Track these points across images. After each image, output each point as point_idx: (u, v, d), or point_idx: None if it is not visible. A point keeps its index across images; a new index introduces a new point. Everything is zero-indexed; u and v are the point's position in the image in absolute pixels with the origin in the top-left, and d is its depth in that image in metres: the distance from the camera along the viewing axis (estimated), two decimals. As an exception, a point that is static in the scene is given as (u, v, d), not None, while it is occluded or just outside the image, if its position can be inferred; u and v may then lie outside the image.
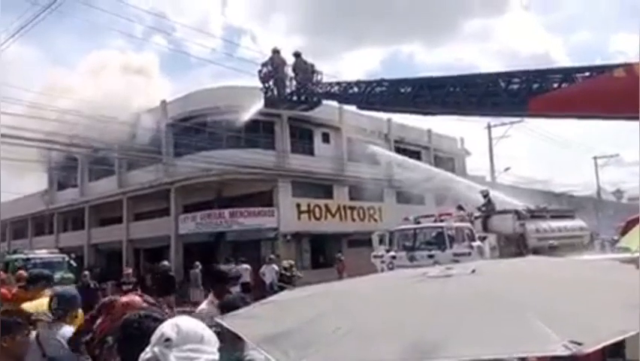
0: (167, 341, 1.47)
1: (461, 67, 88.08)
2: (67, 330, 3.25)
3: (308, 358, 1.43)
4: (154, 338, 1.51)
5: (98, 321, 2.90)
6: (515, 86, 11.64)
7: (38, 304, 4.26)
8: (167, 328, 1.51)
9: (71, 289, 3.74)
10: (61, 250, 24.81)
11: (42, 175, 35.43)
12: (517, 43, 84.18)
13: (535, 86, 11.16)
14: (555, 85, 10.85)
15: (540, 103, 10.81)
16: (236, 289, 5.93)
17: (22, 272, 10.65)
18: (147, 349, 1.50)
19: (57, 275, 15.56)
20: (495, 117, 25.89)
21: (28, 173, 33.89)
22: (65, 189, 34.09)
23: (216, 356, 1.55)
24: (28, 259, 19.27)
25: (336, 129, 28.20)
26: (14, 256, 21.27)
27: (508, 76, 11.85)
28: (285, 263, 17.51)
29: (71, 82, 30.53)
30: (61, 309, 3.45)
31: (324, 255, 23.97)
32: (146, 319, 1.85)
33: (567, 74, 10.78)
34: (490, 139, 30.89)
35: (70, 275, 18.08)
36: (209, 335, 1.58)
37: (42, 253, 21.94)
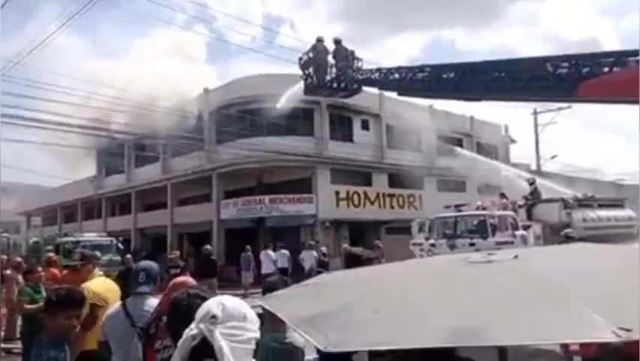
0: (212, 318, 1.52)
1: (505, 53, 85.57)
2: (154, 301, 3.37)
3: (347, 341, 1.44)
4: (199, 315, 1.57)
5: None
6: (564, 71, 11.22)
7: (94, 286, 4.43)
8: (212, 306, 1.56)
9: (154, 264, 3.89)
10: (109, 234, 25.81)
11: (91, 161, 36.85)
12: (564, 28, 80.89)
13: (585, 70, 10.73)
14: (606, 69, 10.41)
15: (590, 88, 10.41)
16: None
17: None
18: (192, 325, 1.55)
19: (105, 257, 16.23)
20: (542, 103, 25.06)
21: (77, 159, 35.39)
22: (113, 175, 35.29)
23: (258, 335, 1.59)
24: (78, 242, 20.10)
25: (375, 116, 27.96)
26: (65, 239, 22.30)
27: (557, 60, 11.43)
28: (323, 249, 17.68)
29: (117, 71, 31.36)
30: (147, 282, 3.59)
31: (363, 242, 23.86)
32: (194, 297, 1.91)
33: (618, 58, 10.31)
34: (536, 126, 29.95)
35: (118, 258, 18.76)
36: (252, 314, 1.62)
37: (91, 236, 22.89)
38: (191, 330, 1.55)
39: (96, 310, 4.11)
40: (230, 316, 1.54)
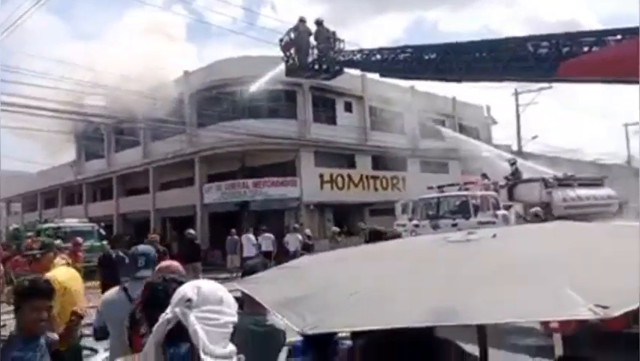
0: (187, 302, 1.50)
1: (487, 34, 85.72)
2: None
3: (324, 322, 1.42)
4: (175, 298, 1.55)
5: None
6: (544, 51, 11.29)
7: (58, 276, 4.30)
8: (188, 289, 1.55)
9: (151, 248, 3.86)
10: (91, 220, 25.48)
11: (70, 146, 36.23)
12: (544, 10, 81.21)
13: (565, 50, 10.80)
14: (586, 49, 10.48)
15: (570, 67, 10.48)
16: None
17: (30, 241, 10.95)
18: (168, 310, 1.53)
19: (87, 243, 16.05)
20: (522, 83, 25.21)
21: (57, 144, 34.77)
22: (93, 160, 34.78)
23: (235, 318, 1.57)
24: (58, 228, 19.86)
25: (358, 98, 27.90)
26: (45, 226, 21.97)
27: (537, 40, 11.47)
28: (308, 231, 17.75)
29: (93, 52, 30.72)
30: (147, 267, 3.59)
31: (348, 224, 24.00)
32: (170, 282, 1.89)
33: (598, 38, 10.38)
34: (517, 106, 30.16)
35: (100, 243, 18.59)
36: (229, 297, 1.60)
37: (72, 222, 22.58)
38: (167, 314, 1.52)
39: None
40: (206, 299, 1.52)
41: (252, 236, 17.61)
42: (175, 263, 3.50)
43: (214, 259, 20.93)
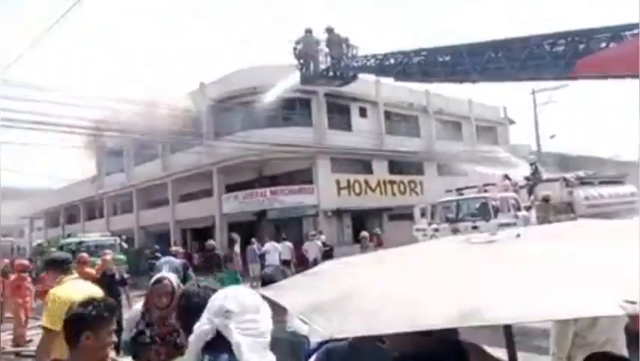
0: (227, 313, 1.50)
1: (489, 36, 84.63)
2: None
3: (351, 326, 1.42)
4: (212, 308, 1.55)
5: None
6: (560, 48, 11.18)
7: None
8: (225, 299, 1.54)
9: (174, 259, 3.94)
10: (112, 233, 25.84)
11: (91, 162, 36.83)
12: (558, 6, 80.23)
13: (582, 47, 10.69)
14: (603, 45, 10.35)
15: (587, 64, 10.37)
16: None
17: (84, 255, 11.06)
18: (204, 319, 1.53)
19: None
20: (539, 82, 24.92)
21: (77, 160, 35.37)
22: (113, 175, 35.32)
23: (271, 326, 1.58)
24: (81, 242, 20.14)
25: (373, 103, 27.90)
26: (69, 240, 22.33)
27: (553, 38, 11.37)
28: (322, 238, 17.74)
29: (110, 69, 31.23)
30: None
31: (366, 230, 23.96)
32: (206, 289, 1.91)
33: (615, 33, 10.24)
34: (535, 106, 29.79)
35: (122, 256, 18.80)
36: (264, 305, 1.61)
37: (95, 236, 22.92)
38: (204, 325, 1.53)
39: None
40: (245, 309, 1.53)
41: (276, 244, 17.62)
42: None
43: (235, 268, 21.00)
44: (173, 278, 3.24)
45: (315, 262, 15.99)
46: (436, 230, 14.10)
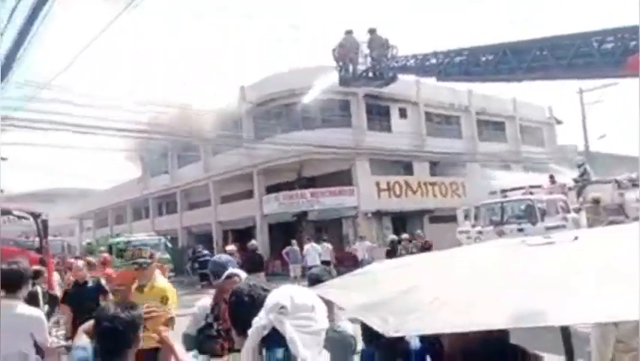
0: (282, 309, 1.54)
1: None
2: None
3: (408, 324, 1.44)
4: (267, 306, 1.59)
5: None
6: (609, 45, 10.79)
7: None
8: (281, 297, 1.58)
9: (231, 258, 4.13)
10: (158, 233, 26.57)
11: (137, 164, 38.03)
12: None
13: (632, 44, 10.28)
14: (656, 40, 9.92)
15: (638, 62, 9.95)
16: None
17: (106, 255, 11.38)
18: (261, 315, 1.58)
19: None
20: (587, 80, 24.07)
21: (124, 162, 36.61)
22: (158, 176, 36.32)
23: (327, 325, 1.60)
24: (129, 242, 20.78)
25: (413, 104, 27.64)
26: (117, 240, 23.13)
27: (602, 34, 10.98)
28: (367, 243, 17.83)
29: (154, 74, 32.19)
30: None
31: (406, 232, 23.78)
32: (256, 288, 1.97)
33: (670, 27, 9.80)
34: (583, 105, 28.78)
35: (167, 256, 19.32)
36: (320, 304, 1.64)
37: (141, 236, 23.63)
38: (261, 319, 1.58)
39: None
40: (299, 307, 1.57)
41: (316, 245, 17.75)
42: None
43: (275, 268, 21.26)
44: (243, 275, 3.34)
45: (363, 262, 16.03)
46: (480, 233, 13.84)
